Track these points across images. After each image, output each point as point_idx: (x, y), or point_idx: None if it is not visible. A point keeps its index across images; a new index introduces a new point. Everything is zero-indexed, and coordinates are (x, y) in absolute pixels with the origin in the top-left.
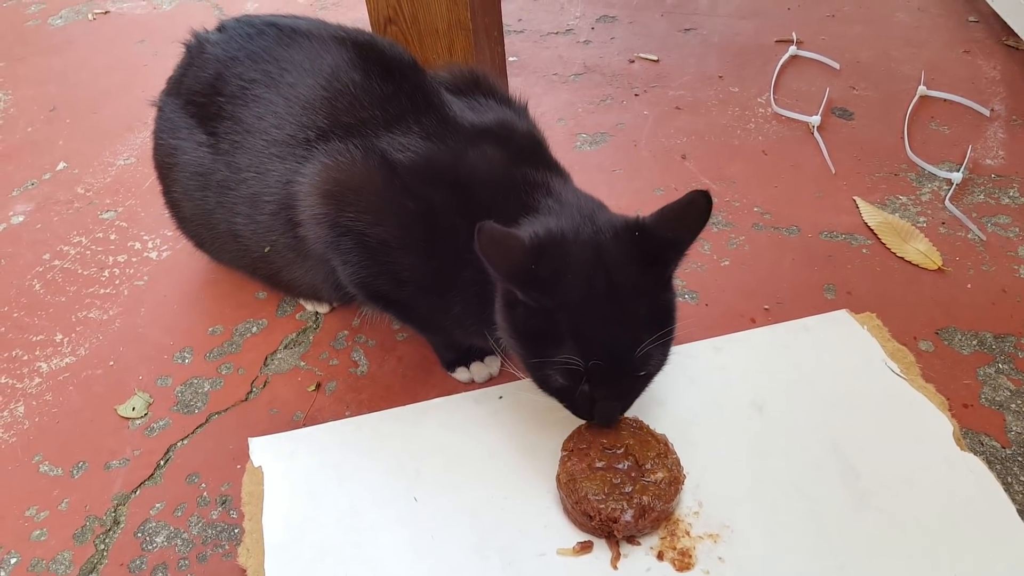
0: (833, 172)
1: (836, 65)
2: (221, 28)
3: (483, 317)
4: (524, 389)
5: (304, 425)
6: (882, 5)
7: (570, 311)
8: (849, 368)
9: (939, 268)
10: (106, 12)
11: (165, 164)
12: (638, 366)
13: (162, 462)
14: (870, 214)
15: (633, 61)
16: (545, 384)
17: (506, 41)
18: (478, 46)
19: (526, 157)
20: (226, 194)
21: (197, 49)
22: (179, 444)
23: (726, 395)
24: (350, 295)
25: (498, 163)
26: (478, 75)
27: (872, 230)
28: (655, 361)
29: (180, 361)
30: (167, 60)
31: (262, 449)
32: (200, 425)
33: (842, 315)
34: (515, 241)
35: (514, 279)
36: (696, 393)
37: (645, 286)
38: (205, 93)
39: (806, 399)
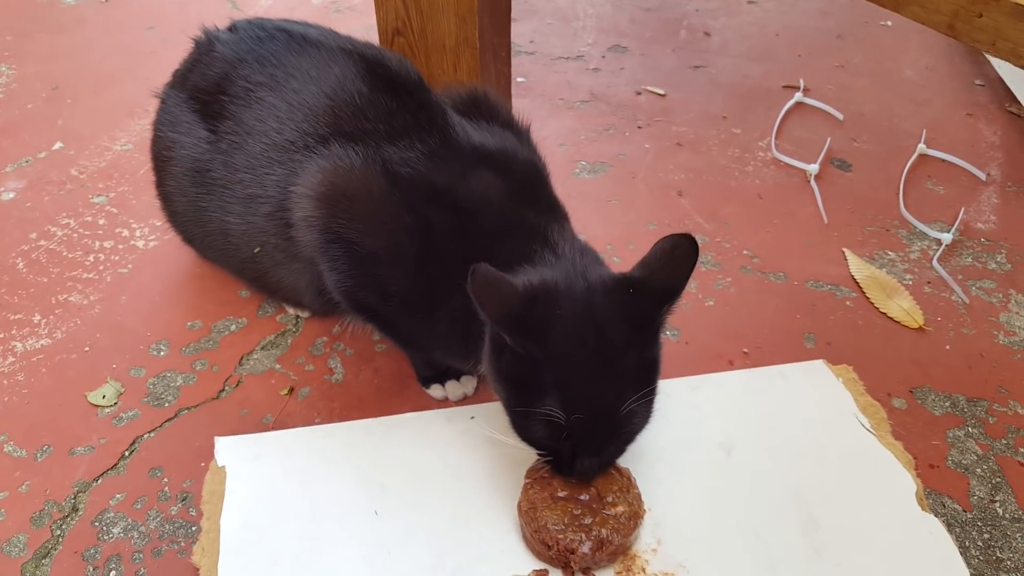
0: (826, 222)
1: (840, 115)
2: (232, 28)
3: (467, 344)
4: (497, 412)
5: (273, 429)
6: (892, 60)
7: (557, 363)
8: (820, 418)
9: (920, 327)
10: None
11: (162, 156)
12: (622, 423)
13: (127, 453)
14: (857, 267)
15: (640, 93)
16: (526, 433)
17: (516, 62)
18: (484, 65)
19: (527, 192)
20: (221, 193)
21: (206, 46)
22: (146, 436)
23: (696, 435)
24: (332, 304)
25: (499, 193)
26: (479, 95)
27: (858, 283)
28: (639, 419)
29: (155, 353)
30: (175, 49)
31: (228, 449)
32: (169, 419)
33: (819, 365)
34: (508, 286)
35: (504, 324)
36: (666, 430)
37: (635, 342)
38: (210, 91)
39: (775, 446)
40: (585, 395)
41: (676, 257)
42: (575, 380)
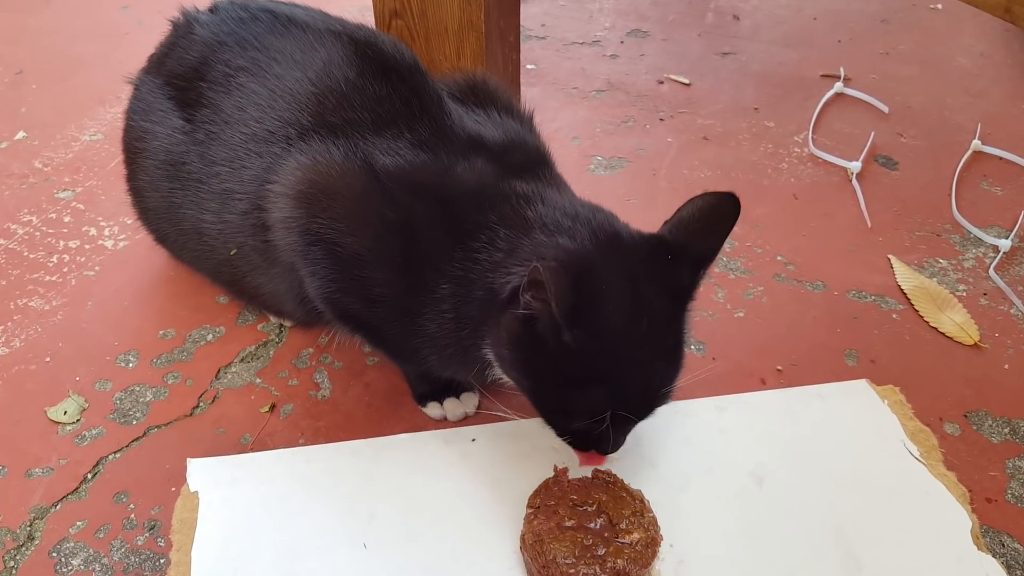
0: (869, 226)
1: (885, 108)
2: (213, 9)
3: (464, 349)
4: (501, 433)
5: (252, 450)
6: (942, 47)
7: (608, 348)
8: (863, 445)
9: (975, 343)
10: None
11: (134, 148)
12: (660, 403)
13: (90, 475)
14: (905, 276)
15: (662, 82)
16: (557, 424)
17: (526, 47)
18: (490, 50)
19: (523, 172)
20: (196, 187)
21: (185, 28)
22: (111, 457)
23: (724, 461)
24: (316, 313)
25: (489, 175)
26: (477, 81)
27: (905, 294)
28: (671, 395)
29: (123, 364)
30: (151, 31)
31: (201, 472)
32: (137, 438)
33: (861, 385)
34: (560, 274)
35: (565, 317)
36: (691, 456)
37: (674, 316)
38: (187, 77)
39: (812, 475)
40: (637, 380)
41: (715, 217)
42: (625, 369)
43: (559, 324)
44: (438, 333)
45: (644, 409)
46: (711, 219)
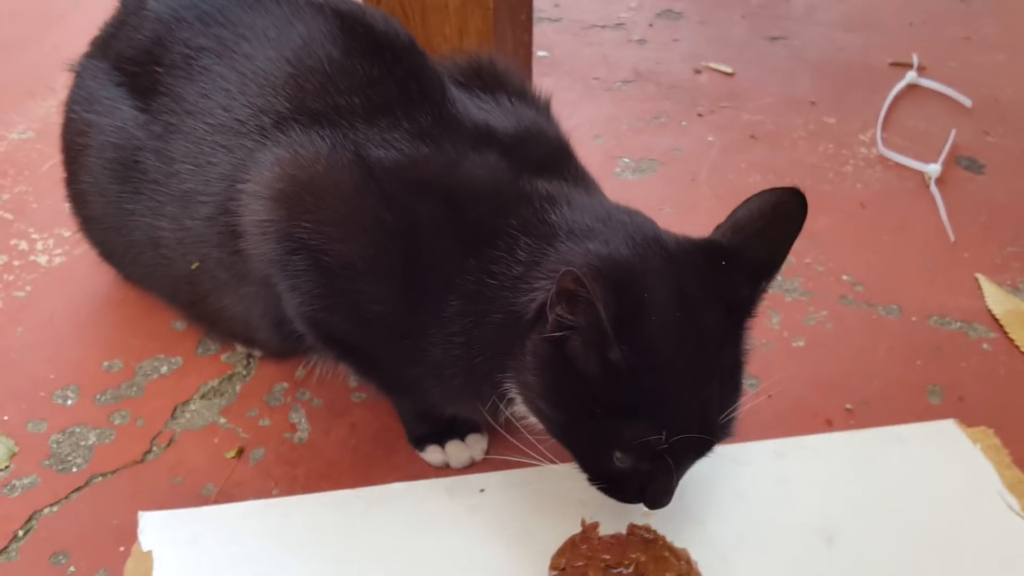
0: (952, 239)
1: (967, 102)
2: None
3: (472, 368)
4: (515, 482)
5: (216, 502)
6: None
7: (656, 370)
8: (952, 498)
9: None
10: None
11: (75, 145)
12: (716, 436)
13: (21, 532)
14: (997, 299)
15: (700, 72)
16: (597, 466)
17: (537, 31)
18: (498, 30)
19: (544, 167)
20: (151, 189)
21: (135, 4)
22: (46, 511)
23: (786, 517)
24: (294, 340)
25: (505, 172)
26: (482, 63)
27: (997, 320)
28: (731, 427)
29: (61, 402)
30: (92, 10)
31: (155, 528)
32: (77, 488)
33: (949, 427)
34: (595, 285)
35: (607, 333)
36: (746, 511)
37: (731, 331)
38: (139, 60)
39: (891, 533)
40: (690, 409)
41: (778, 217)
42: (678, 391)
43: (602, 340)
44: (444, 360)
45: (702, 444)
46: (772, 220)
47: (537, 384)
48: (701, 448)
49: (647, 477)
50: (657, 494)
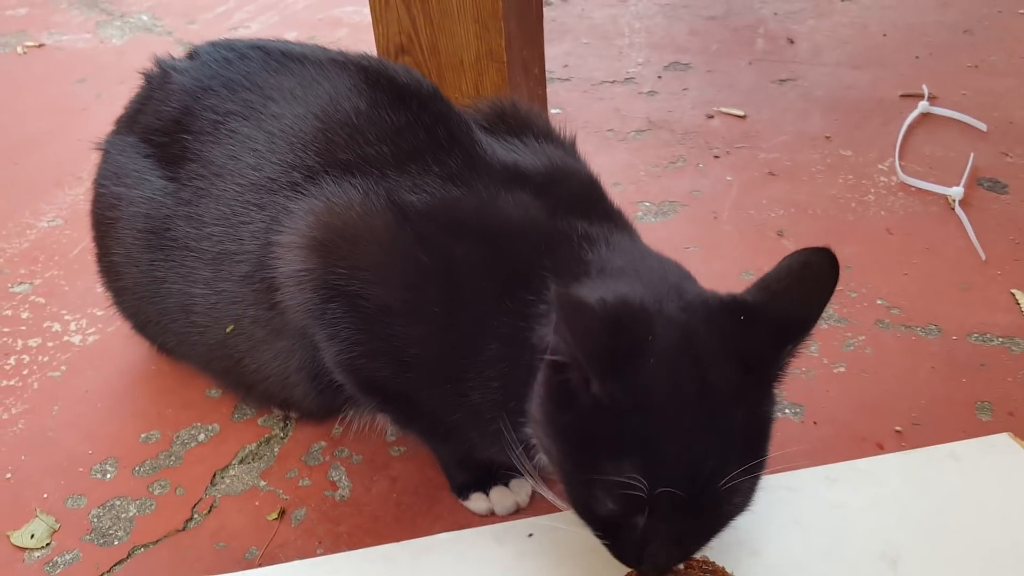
0: (983, 258)
1: (982, 126)
2: (192, 55)
3: (509, 409)
4: (563, 524)
5: (261, 564)
6: None
7: (644, 413)
8: (1016, 511)
9: None
10: (40, 45)
11: (105, 219)
12: (718, 502)
13: None
14: None
15: (712, 116)
16: (587, 508)
17: (548, 90)
18: (513, 84)
19: (578, 205)
20: (183, 256)
21: (160, 79)
22: None
23: (845, 543)
24: (332, 394)
25: (539, 211)
26: (505, 107)
27: None
28: (740, 499)
29: (99, 476)
30: (113, 103)
31: None
32: (120, 561)
33: (1004, 440)
34: (587, 310)
35: (595, 362)
36: (802, 538)
37: (745, 391)
38: (167, 131)
39: (957, 550)
40: (678, 460)
41: (806, 278)
42: (666, 438)
43: (588, 369)
44: (483, 405)
45: (693, 501)
46: (800, 280)
47: (538, 412)
48: (696, 511)
49: (643, 536)
50: (652, 555)
